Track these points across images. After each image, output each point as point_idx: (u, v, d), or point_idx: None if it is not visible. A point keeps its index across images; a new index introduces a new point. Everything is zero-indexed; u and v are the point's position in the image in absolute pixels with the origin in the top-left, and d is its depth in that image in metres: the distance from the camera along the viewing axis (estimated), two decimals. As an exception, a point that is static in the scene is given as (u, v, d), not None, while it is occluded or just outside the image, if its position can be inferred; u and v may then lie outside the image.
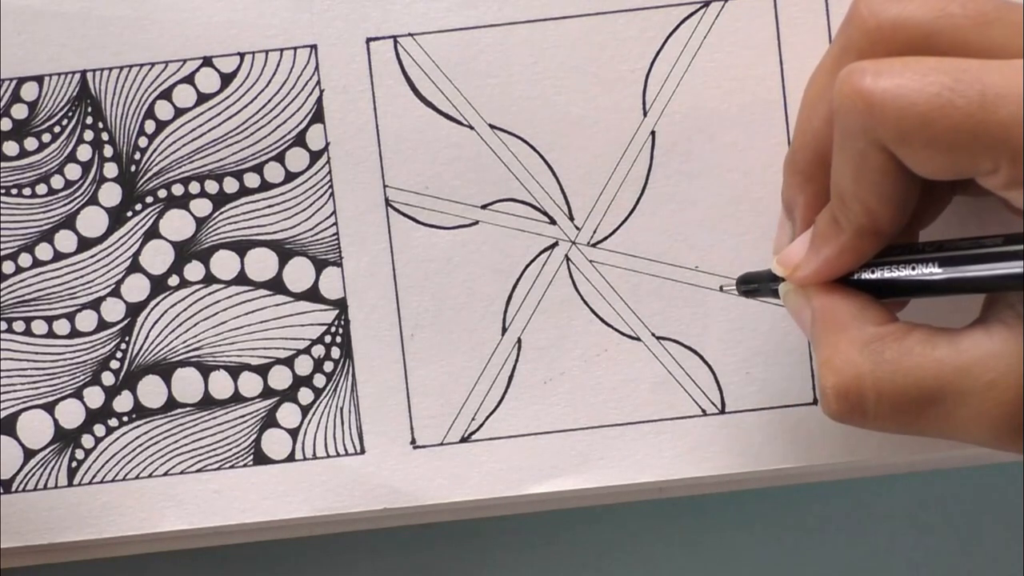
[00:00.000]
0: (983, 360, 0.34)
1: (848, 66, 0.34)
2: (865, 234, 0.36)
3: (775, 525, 0.47)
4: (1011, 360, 0.34)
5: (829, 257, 0.37)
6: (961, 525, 0.47)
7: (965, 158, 0.33)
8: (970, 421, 0.35)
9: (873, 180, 0.35)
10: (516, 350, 0.43)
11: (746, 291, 0.41)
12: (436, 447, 0.43)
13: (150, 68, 0.43)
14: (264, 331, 0.44)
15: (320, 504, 0.43)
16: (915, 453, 0.43)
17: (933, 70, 0.33)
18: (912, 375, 0.35)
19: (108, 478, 0.44)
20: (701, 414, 0.43)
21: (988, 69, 0.32)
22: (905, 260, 0.36)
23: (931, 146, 0.33)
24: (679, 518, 0.47)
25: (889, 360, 0.35)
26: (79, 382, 0.44)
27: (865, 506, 0.47)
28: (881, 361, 0.35)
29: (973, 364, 0.34)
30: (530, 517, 0.45)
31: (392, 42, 0.43)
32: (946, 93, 0.32)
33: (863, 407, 0.36)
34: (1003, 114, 0.32)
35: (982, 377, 0.34)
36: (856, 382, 0.36)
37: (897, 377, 0.35)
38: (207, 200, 0.43)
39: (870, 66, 0.34)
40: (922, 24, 0.35)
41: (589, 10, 0.43)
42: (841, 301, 0.37)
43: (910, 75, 0.33)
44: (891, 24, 0.35)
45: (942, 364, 0.35)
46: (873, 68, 0.34)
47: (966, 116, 0.32)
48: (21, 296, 0.44)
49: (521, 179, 0.43)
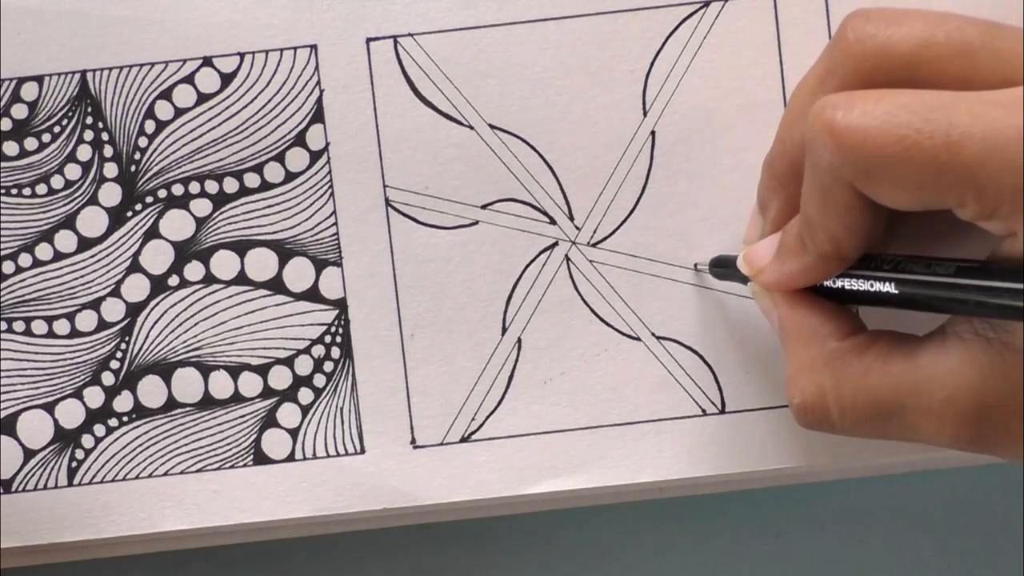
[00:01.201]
0: (939, 376, 0.35)
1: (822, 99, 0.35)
2: (829, 259, 0.36)
3: (775, 525, 0.47)
4: (966, 377, 0.35)
5: (792, 273, 0.38)
6: (961, 525, 0.47)
7: (931, 196, 0.33)
8: (930, 433, 0.36)
9: (839, 213, 0.35)
10: (516, 350, 0.43)
11: (717, 273, 0.42)
12: (436, 447, 0.43)
13: (150, 68, 0.43)
14: (264, 331, 0.44)
15: (320, 504, 0.43)
16: (915, 453, 0.43)
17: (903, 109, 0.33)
18: (871, 392, 0.36)
19: (108, 478, 0.44)
20: (701, 414, 0.43)
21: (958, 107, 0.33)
22: (864, 275, 0.36)
23: (897, 185, 0.33)
24: (679, 518, 0.47)
25: (848, 379, 0.37)
26: (79, 382, 0.44)
27: (865, 506, 0.47)
28: (841, 379, 0.37)
29: (929, 380, 0.35)
30: (530, 517, 0.45)
31: (392, 42, 0.43)
32: (912, 135, 0.33)
33: (829, 421, 0.37)
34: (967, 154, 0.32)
35: (938, 394, 0.35)
36: (819, 400, 0.37)
37: (858, 394, 0.36)
38: (207, 200, 0.43)
39: (842, 101, 0.34)
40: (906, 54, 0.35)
41: (589, 10, 0.43)
42: (806, 312, 0.38)
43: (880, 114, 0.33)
44: (875, 52, 0.35)
45: (899, 381, 0.36)
46: (845, 104, 0.34)
47: (931, 158, 0.32)
48: (21, 296, 0.44)
49: (521, 179, 0.43)
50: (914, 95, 0.33)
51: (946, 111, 0.32)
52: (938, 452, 0.43)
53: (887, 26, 0.35)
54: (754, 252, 0.39)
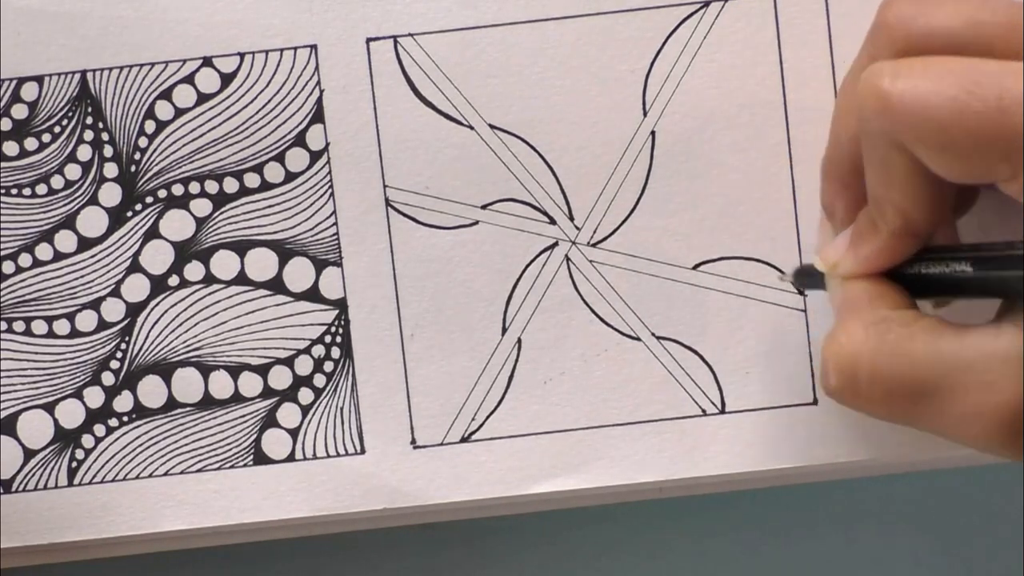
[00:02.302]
0: (987, 359, 0.34)
1: (870, 67, 0.34)
2: (901, 235, 0.36)
3: (775, 525, 0.47)
4: (1016, 364, 0.33)
5: (868, 256, 0.37)
6: (961, 525, 0.47)
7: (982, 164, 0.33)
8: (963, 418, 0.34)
9: (902, 184, 0.34)
10: (516, 350, 0.43)
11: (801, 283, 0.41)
12: (436, 447, 0.43)
13: (150, 68, 0.43)
14: (264, 331, 0.44)
15: (320, 504, 0.43)
16: (915, 453, 0.43)
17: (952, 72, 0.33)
18: (911, 361, 0.35)
19: (108, 478, 0.44)
20: (701, 414, 0.43)
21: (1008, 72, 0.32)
22: (940, 258, 0.36)
23: (948, 150, 0.33)
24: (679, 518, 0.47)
25: (891, 342, 0.35)
26: (79, 382, 0.44)
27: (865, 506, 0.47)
28: (883, 342, 0.35)
29: (976, 360, 0.34)
30: (530, 517, 0.45)
31: (392, 42, 0.43)
32: (963, 96, 0.32)
33: (855, 386, 0.36)
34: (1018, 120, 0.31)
35: (983, 375, 0.33)
36: (853, 359, 0.35)
37: (895, 360, 0.35)
38: (207, 200, 0.43)
39: (889, 67, 0.34)
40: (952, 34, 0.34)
41: (589, 10, 0.43)
42: (862, 284, 0.37)
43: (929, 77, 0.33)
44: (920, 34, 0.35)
45: (943, 355, 0.34)
46: (892, 69, 0.34)
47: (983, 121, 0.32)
48: (21, 296, 0.44)
49: (521, 179, 0.43)
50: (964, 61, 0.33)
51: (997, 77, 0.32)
52: (939, 452, 0.43)
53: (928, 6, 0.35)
54: (829, 249, 0.38)
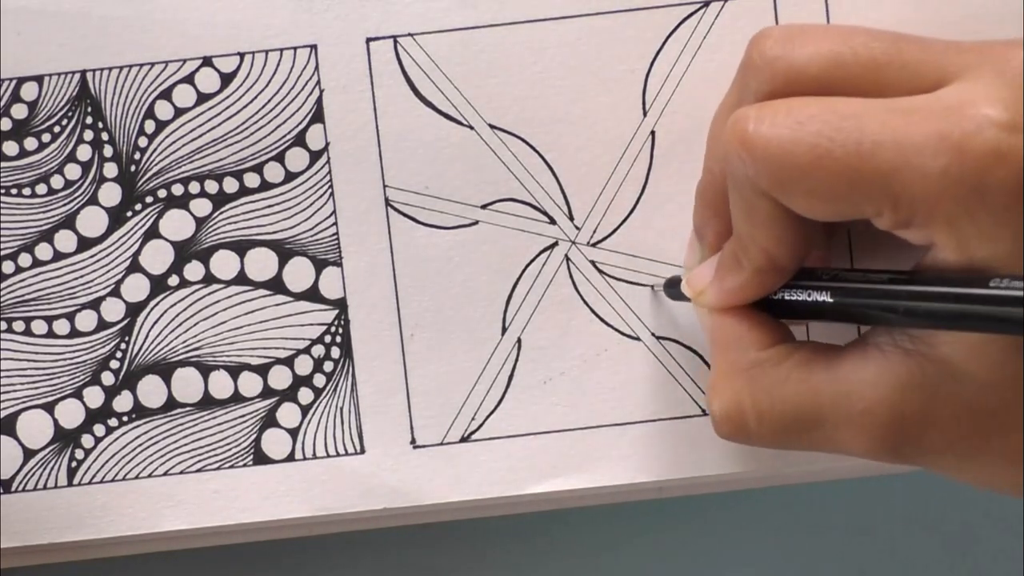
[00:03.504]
0: (858, 388, 0.35)
1: (735, 112, 0.35)
2: (765, 272, 0.36)
3: (775, 525, 0.47)
4: (884, 388, 0.34)
5: (732, 289, 0.37)
6: (961, 525, 0.47)
7: (847, 206, 0.33)
8: (849, 441, 0.35)
9: (766, 225, 0.35)
10: (516, 350, 0.43)
11: (670, 293, 0.42)
12: (436, 447, 0.43)
13: (150, 68, 0.43)
14: (264, 331, 0.44)
15: (320, 504, 0.43)
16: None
17: (814, 118, 0.33)
18: (789, 401, 0.36)
19: (108, 478, 0.44)
20: (701, 414, 0.43)
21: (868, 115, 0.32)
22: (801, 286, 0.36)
23: (812, 195, 0.33)
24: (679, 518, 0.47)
25: (767, 387, 0.36)
26: (79, 382, 0.44)
27: (865, 506, 0.47)
28: (759, 388, 0.37)
29: (849, 392, 0.35)
30: (530, 517, 0.45)
31: (392, 42, 0.43)
32: (824, 144, 0.33)
33: (746, 430, 0.37)
34: (879, 162, 0.32)
35: (856, 405, 0.35)
36: (737, 408, 0.37)
37: (775, 403, 0.36)
38: (207, 200, 0.43)
39: (753, 113, 0.34)
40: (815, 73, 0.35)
41: (589, 10, 0.43)
42: (732, 321, 0.38)
43: (789, 124, 0.33)
44: (784, 72, 0.35)
45: (818, 391, 0.36)
46: (756, 115, 0.34)
47: (844, 167, 0.32)
48: (21, 296, 0.44)
49: (521, 179, 0.43)
50: (825, 103, 0.33)
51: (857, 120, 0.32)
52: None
53: (792, 46, 0.35)
54: (695, 275, 0.39)
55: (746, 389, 0.37)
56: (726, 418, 0.37)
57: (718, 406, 0.37)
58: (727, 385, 0.37)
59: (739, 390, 0.37)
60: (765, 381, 0.36)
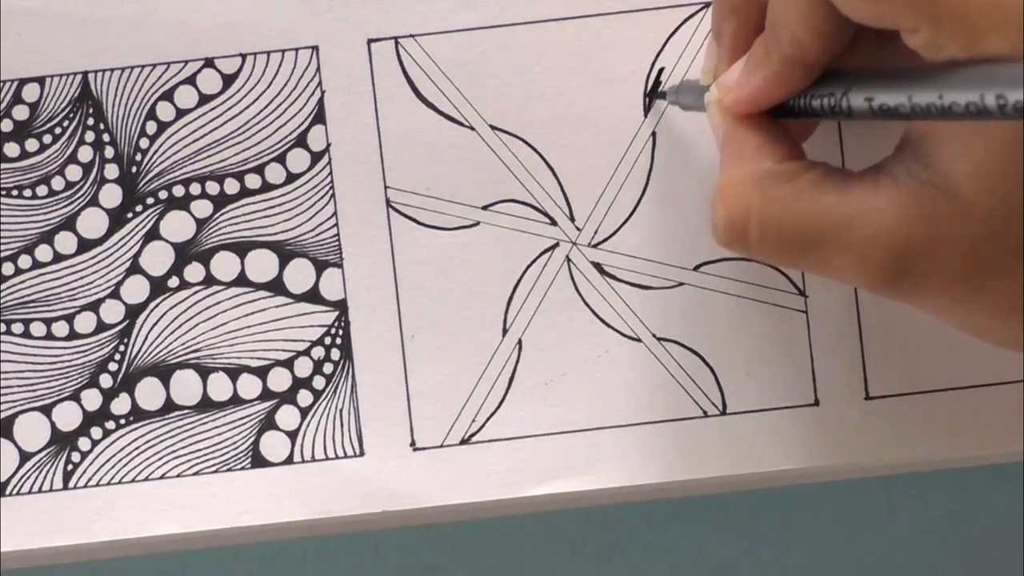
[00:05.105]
0: (866, 214, 0.35)
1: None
2: (792, 64, 0.36)
3: (776, 526, 0.47)
4: (892, 217, 0.34)
5: (759, 84, 0.37)
6: (961, 525, 0.47)
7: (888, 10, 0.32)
8: (847, 269, 0.35)
9: (800, 11, 0.35)
10: (517, 351, 0.43)
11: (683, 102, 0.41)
12: (436, 449, 0.43)
13: (152, 69, 0.43)
14: (264, 333, 0.43)
15: (319, 507, 0.43)
16: (915, 454, 0.43)
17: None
18: (796, 217, 0.36)
19: (104, 481, 0.43)
20: (702, 415, 0.43)
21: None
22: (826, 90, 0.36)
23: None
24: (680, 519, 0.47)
25: (777, 199, 0.36)
26: (77, 385, 0.43)
27: (865, 506, 0.47)
28: (769, 199, 0.36)
29: (856, 216, 0.35)
30: (530, 518, 0.45)
31: (393, 43, 0.43)
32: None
33: (746, 240, 0.37)
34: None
35: (862, 231, 0.35)
36: (743, 215, 0.36)
37: (783, 216, 0.36)
38: (208, 201, 0.43)
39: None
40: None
41: (590, 11, 0.43)
42: (750, 131, 0.37)
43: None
44: None
45: (827, 211, 0.35)
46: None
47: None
48: (20, 298, 0.43)
49: (522, 180, 0.43)
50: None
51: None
52: (939, 452, 0.43)
53: None
54: (726, 77, 0.38)
55: (756, 199, 0.36)
56: (730, 225, 0.37)
57: (723, 213, 0.37)
58: (736, 193, 0.37)
59: (749, 199, 0.36)
60: (777, 193, 0.36)
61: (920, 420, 0.43)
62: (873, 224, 0.35)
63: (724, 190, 0.37)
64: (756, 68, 0.37)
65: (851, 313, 0.43)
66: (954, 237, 0.34)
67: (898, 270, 0.35)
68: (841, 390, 0.43)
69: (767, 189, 0.36)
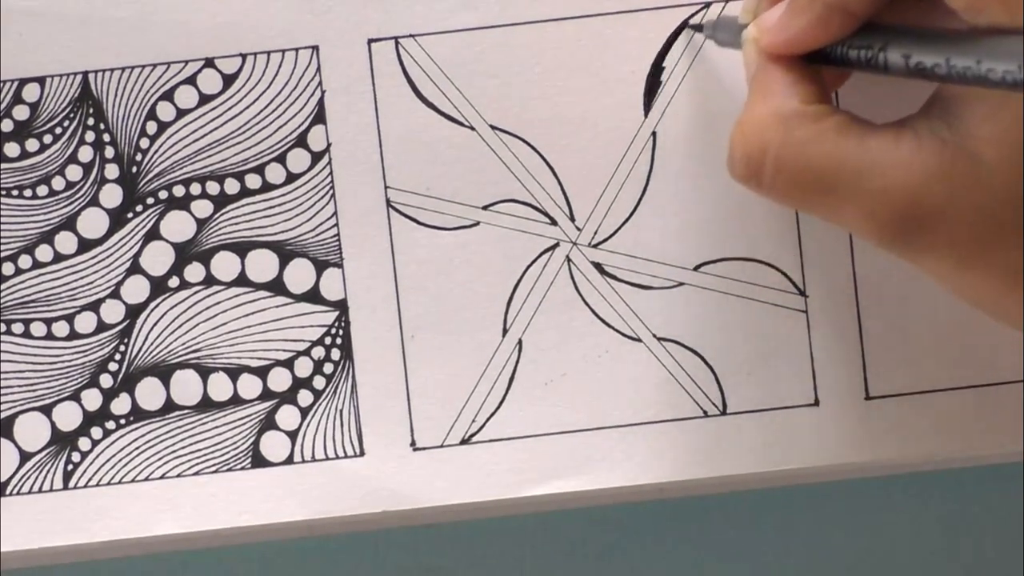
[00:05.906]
0: (883, 165, 0.35)
1: None
2: (834, 10, 0.36)
3: (776, 526, 0.47)
4: (908, 172, 0.34)
5: (800, 27, 0.37)
6: (961, 525, 0.47)
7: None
8: (856, 218, 0.35)
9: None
10: (517, 351, 0.43)
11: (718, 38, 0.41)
12: (436, 449, 0.43)
13: (152, 69, 0.43)
14: (264, 333, 0.43)
15: (319, 507, 0.43)
16: (915, 454, 0.43)
17: None
18: (813, 159, 0.36)
19: (104, 481, 0.43)
20: (702, 415, 0.43)
21: None
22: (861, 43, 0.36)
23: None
24: (680, 519, 0.47)
25: (798, 138, 0.36)
26: (77, 384, 0.43)
27: (865, 506, 0.47)
28: (790, 137, 0.36)
29: (873, 166, 0.35)
30: (530, 518, 0.45)
31: (393, 43, 0.43)
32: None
33: (760, 177, 0.37)
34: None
35: (877, 181, 0.35)
36: (761, 152, 0.36)
37: (800, 156, 0.36)
38: (208, 201, 0.43)
39: None
40: None
41: (590, 11, 0.43)
42: (781, 70, 0.37)
43: None
44: None
45: (845, 157, 0.35)
46: None
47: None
48: (21, 298, 0.43)
49: (522, 180, 0.43)
50: None
51: None
52: (940, 452, 0.43)
53: None
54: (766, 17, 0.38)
55: (777, 137, 0.36)
56: (746, 160, 0.37)
57: (742, 147, 0.37)
58: (758, 128, 0.37)
59: (770, 136, 0.36)
60: (799, 133, 0.36)
61: (920, 420, 0.43)
62: (888, 176, 0.35)
63: (745, 125, 0.37)
64: (799, 12, 0.37)
65: (851, 313, 0.43)
66: (967, 200, 0.34)
67: (907, 225, 0.35)
68: (841, 390, 0.43)
69: (791, 127, 0.36)
